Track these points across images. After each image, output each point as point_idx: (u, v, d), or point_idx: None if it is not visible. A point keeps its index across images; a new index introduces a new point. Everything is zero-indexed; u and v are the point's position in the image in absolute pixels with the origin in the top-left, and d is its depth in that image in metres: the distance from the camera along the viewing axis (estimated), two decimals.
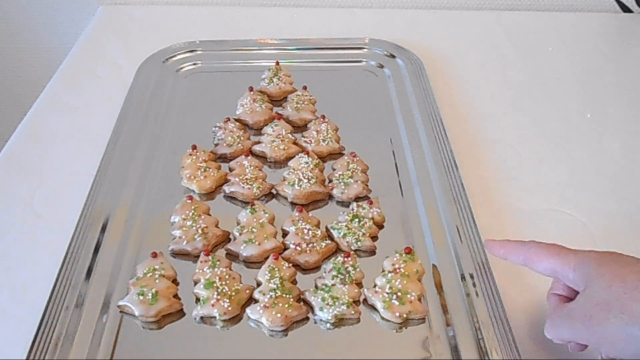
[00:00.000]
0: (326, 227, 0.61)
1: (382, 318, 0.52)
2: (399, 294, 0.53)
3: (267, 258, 0.57)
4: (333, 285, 0.53)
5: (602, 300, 0.41)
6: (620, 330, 0.40)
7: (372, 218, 0.61)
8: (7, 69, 1.17)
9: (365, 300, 0.54)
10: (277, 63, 0.84)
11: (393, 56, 0.89)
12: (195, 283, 0.55)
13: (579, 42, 0.99)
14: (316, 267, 0.57)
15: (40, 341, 0.49)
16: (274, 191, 0.66)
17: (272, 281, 0.53)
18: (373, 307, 0.53)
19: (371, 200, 0.63)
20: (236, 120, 0.75)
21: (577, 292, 0.45)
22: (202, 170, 0.66)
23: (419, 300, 0.53)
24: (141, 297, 0.52)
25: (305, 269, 0.57)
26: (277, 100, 0.80)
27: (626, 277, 0.41)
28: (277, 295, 0.52)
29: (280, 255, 0.57)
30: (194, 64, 0.88)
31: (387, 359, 0.50)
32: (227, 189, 0.65)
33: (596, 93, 0.86)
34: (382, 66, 0.88)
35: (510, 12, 1.06)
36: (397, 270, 0.54)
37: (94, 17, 1.03)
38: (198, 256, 0.57)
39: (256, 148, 0.71)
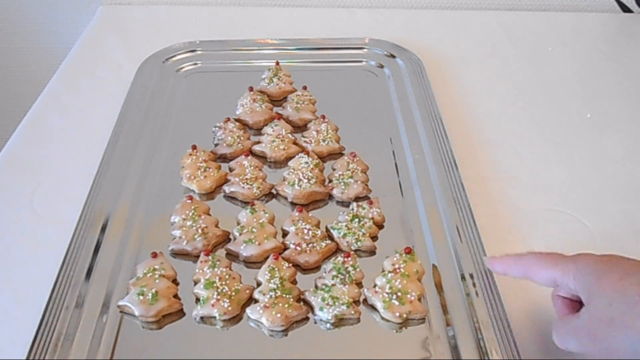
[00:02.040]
0: (326, 227, 0.61)
1: (382, 318, 0.52)
2: (399, 294, 0.53)
3: (267, 258, 0.57)
4: (333, 285, 0.53)
5: (605, 317, 0.41)
6: (626, 346, 0.40)
7: (372, 218, 0.61)
8: (7, 69, 1.17)
9: (365, 300, 0.54)
10: (277, 63, 0.84)
11: (393, 56, 0.89)
12: (195, 283, 0.55)
13: (579, 42, 0.98)
14: (316, 267, 0.57)
15: (40, 341, 0.49)
16: (274, 191, 0.66)
17: (272, 281, 0.53)
18: (373, 307, 0.53)
19: (371, 200, 0.63)
20: (236, 120, 0.75)
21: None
22: (202, 170, 0.66)
23: (419, 300, 0.53)
24: (141, 297, 0.52)
25: (305, 269, 0.57)
26: (277, 100, 0.80)
27: (626, 290, 0.41)
28: (277, 295, 0.52)
29: (280, 255, 0.57)
30: (194, 64, 0.88)
31: (387, 359, 0.50)
32: (227, 189, 0.65)
33: (596, 93, 0.86)
34: (382, 66, 0.88)
35: (510, 12, 1.06)
36: (397, 270, 0.54)
37: (94, 17, 1.03)
38: (198, 256, 0.57)
39: (256, 148, 0.71)
